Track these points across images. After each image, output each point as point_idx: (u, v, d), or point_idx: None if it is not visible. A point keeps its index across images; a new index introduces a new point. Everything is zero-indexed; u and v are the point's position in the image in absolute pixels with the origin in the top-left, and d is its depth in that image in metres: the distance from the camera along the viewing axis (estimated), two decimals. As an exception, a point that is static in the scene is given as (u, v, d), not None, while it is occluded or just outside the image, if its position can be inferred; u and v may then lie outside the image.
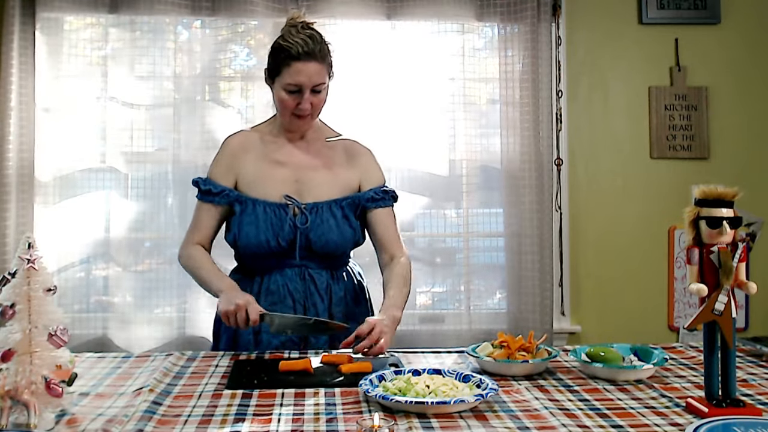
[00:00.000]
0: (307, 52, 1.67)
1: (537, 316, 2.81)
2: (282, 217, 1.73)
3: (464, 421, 1.12)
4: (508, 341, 1.47)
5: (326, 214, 1.75)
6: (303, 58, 1.67)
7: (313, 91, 1.70)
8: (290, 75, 1.68)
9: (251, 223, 1.73)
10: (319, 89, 1.71)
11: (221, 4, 2.81)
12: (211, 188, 1.78)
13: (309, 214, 1.73)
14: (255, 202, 1.75)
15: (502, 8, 2.87)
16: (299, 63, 1.67)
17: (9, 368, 1.08)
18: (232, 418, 1.15)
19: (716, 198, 1.15)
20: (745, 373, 1.43)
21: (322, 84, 1.71)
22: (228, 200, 1.77)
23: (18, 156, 2.72)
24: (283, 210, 1.74)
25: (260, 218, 1.73)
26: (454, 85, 2.92)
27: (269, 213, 1.73)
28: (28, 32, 2.74)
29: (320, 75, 1.70)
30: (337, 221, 1.75)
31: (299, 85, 1.68)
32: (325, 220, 1.74)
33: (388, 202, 1.83)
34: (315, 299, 1.75)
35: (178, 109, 2.82)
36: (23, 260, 1.10)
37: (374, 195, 1.81)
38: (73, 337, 1.17)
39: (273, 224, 1.72)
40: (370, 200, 1.80)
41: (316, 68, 1.68)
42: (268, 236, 1.72)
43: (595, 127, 3.03)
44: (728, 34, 3.04)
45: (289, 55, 1.68)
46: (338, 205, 1.78)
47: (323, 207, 1.76)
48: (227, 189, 1.78)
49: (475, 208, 2.94)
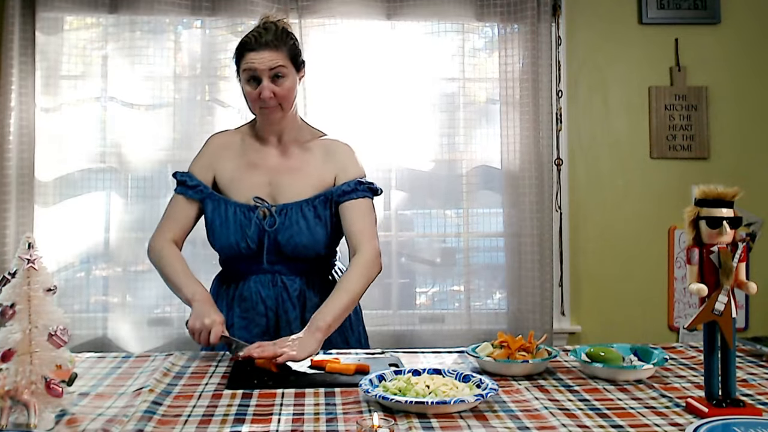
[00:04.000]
0: (258, 42, 1.67)
1: (537, 316, 2.81)
2: (250, 217, 1.72)
3: (464, 421, 1.12)
4: (508, 341, 1.47)
5: (296, 215, 1.72)
6: (255, 48, 1.67)
7: (273, 78, 1.67)
8: (245, 64, 1.68)
9: (221, 224, 1.73)
10: (280, 73, 1.68)
11: (221, 4, 2.81)
12: (186, 180, 1.78)
13: (278, 216, 1.71)
14: (226, 203, 1.75)
15: (502, 8, 2.87)
16: (252, 53, 1.67)
17: (9, 368, 1.08)
18: (232, 418, 1.15)
19: (716, 198, 1.15)
20: (745, 373, 1.43)
21: (279, 68, 1.67)
22: (201, 196, 1.77)
23: (18, 156, 2.72)
24: (252, 211, 1.72)
25: (230, 219, 1.73)
26: (454, 85, 2.92)
27: (238, 214, 1.73)
28: (28, 32, 2.74)
29: (275, 60, 1.67)
30: (307, 222, 1.72)
31: (254, 71, 1.67)
32: (294, 221, 1.71)
33: (360, 194, 1.74)
34: (287, 306, 1.73)
35: (178, 109, 2.83)
36: (23, 260, 1.09)
37: (345, 188, 1.73)
38: (73, 337, 1.17)
39: (242, 225, 1.71)
40: (341, 194, 1.73)
41: (269, 55, 1.67)
42: (237, 238, 1.71)
43: (595, 127, 3.03)
44: (728, 34, 3.04)
45: (242, 47, 1.70)
46: (310, 204, 1.74)
47: (293, 208, 1.73)
48: (202, 185, 1.77)
49: (475, 208, 2.93)
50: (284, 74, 1.69)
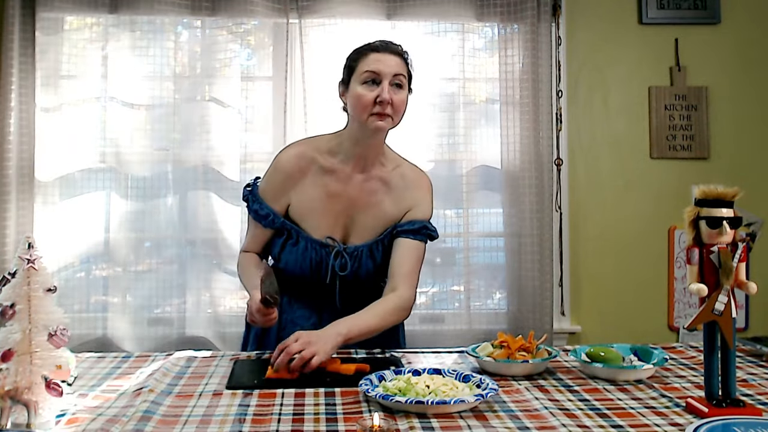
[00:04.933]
0: (387, 47, 1.62)
1: (537, 316, 2.81)
2: (323, 256, 1.69)
3: (464, 421, 1.12)
4: (508, 341, 1.47)
5: (366, 258, 1.71)
6: (381, 50, 1.61)
7: (393, 84, 1.59)
8: (367, 64, 1.60)
9: (292, 253, 1.71)
10: (400, 82, 1.60)
11: (221, 4, 2.81)
12: (258, 209, 1.72)
13: (349, 260, 1.69)
14: (299, 235, 1.70)
15: (502, 8, 2.87)
16: (377, 53, 1.61)
17: (9, 368, 1.08)
18: (232, 418, 1.15)
19: (716, 198, 1.15)
20: (745, 373, 1.43)
21: (401, 76, 1.60)
22: (273, 227, 1.72)
23: (18, 156, 2.71)
24: (325, 250, 1.69)
25: (300, 252, 1.70)
26: (454, 85, 2.92)
27: (310, 251, 1.69)
28: (28, 32, 2.74)
29: (400, 68, 1.61)
30: (375, 262, 1.72)
31: (377, 73, 1.58)
32: (363, 263, 1.71)
33: (418, 237, 1.72)
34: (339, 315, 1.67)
35: (178, 109, 2.82)
36: (23, 260, 1.10)
37: (409, 227, 1.71)
38: (73, 337, 1.17)
39: (312, 262, 1.69)
40: (405, 231, 1.71)
41: (396, 60, 1.61)
42: (305, 272, 1.70)
43: (595, 127, 3.03)
44: (728, 34, 3.04)
45: (367, 47, 1.64)
46: (379, 244, 1.72)
47: (364, 251, 1.71)
48: (272, 214, 1.71)
49: (475, 208, 2.93)
50: (404, 85, 1.63)
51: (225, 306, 2.81)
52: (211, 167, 2.80)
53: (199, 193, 2.81)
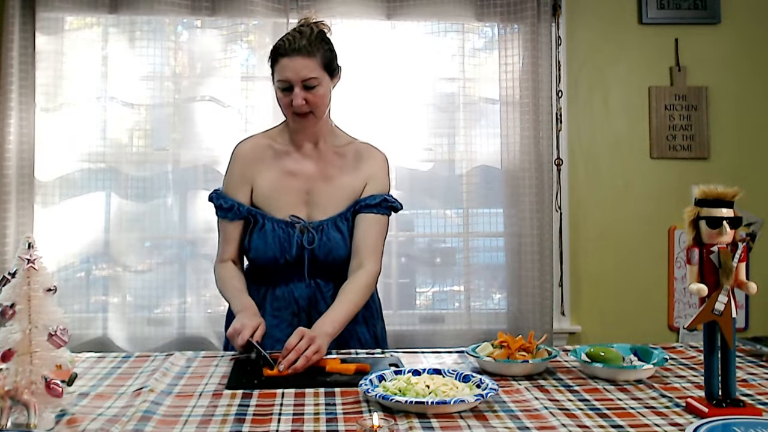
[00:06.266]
0: (292, 47, 1.65)
1: (537, 316, 2.81)
2: (290, 234, 1.72)
3: (464, 421, 1.12)
4: (508, 341, 1.47)
5: (332, 231, 1.73)
6: (288, 54, 1.65)
7: (305, 87, 1.65)
8: (278, 71, 1.66)
9: (260, 238, 1.73)
10: (311, 84, 1.65)
11: (221, 4, 2.81)
12: (222, 203, 1.76)
13: (315, 233, 1.72)
14: (264, 218, 1.74)
15: (502, 8, 2.87)
16: (285, 59, 1.65)
17: (9, 368, 1.08)
18: (232, 418, 1.15)
19: (716, 198, 1.15)
20: (745, 373, 1.43)
21: (312, 78, 1.65)
22: (239, 216, 1.76)
23: (18, 156, 2.72)
24: (291, 228, 1.72)
25: (269, 235, 1.72)
26: (454, 85, 2.92)
27: (277, 230, 1.72)
28: (28, 32, 2.74)
29: (308, 69, 1.65)
30: (343, 235, 1.74)
31: (287, 81, 1.65)
32: (331, 237, 1.73)
33: (381, 210, 1.77)
34: (321, 307, 1.72)
35: (178, 109, 2.83)
36: (23, 260, 1.09)
37: (370, 201, 1.76)
38: (73, 337, 1.17)
39: (281, 241, 1.72)
40: (365, 206, 1.75)
41: (302, 63, 1.65)
42: (276, 253, 1.72)
43: (595, 127, 3.03)
44: (728, 34, 3.04)
45: (276, 52, 1.68)
46: (343, 218, 1.75)
47: (329, 224, 1.74)
48: (236, 204, 1.75)
49: (475, 208, 2.94)
50: (316, 83, 1.67)
51: (225, 306, 2.80)
52: (211, 167, 2.81)
53: (199, 193, 2.81)
